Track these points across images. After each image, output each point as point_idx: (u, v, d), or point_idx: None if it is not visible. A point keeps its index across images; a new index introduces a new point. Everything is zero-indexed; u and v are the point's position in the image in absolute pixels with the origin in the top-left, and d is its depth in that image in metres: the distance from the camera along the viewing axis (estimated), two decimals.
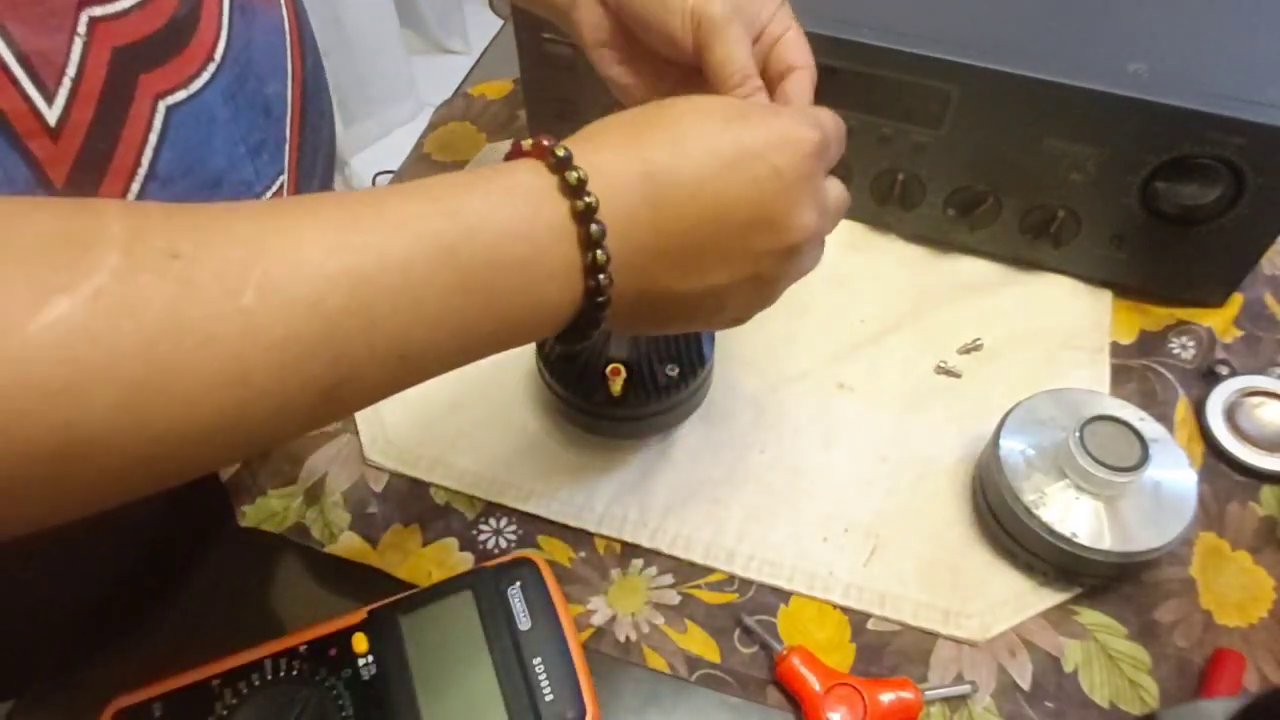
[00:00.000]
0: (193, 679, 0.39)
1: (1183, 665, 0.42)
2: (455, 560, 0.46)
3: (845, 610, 0.44)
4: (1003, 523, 0.45)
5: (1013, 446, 0.45)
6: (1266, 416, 0.50)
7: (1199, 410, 0.51)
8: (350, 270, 0.25)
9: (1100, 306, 0.56)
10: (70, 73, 0.33)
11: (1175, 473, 0.43)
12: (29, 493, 0.22)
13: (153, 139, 0.37)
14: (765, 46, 0.41)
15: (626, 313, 0.33)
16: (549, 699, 0.38)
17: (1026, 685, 0.42)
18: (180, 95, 0.38)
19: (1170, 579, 0.45)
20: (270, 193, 0.44)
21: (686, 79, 0.42)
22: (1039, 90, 0.48)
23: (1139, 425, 0.43)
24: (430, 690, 0.39)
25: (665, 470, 0.49)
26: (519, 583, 0.42)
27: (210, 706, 0.38)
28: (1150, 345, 0.54)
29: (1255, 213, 0.49)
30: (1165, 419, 0.49)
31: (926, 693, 0.41)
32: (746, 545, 0.46)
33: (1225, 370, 0.52)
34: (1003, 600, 0.44)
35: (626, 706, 0.42)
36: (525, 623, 0.41)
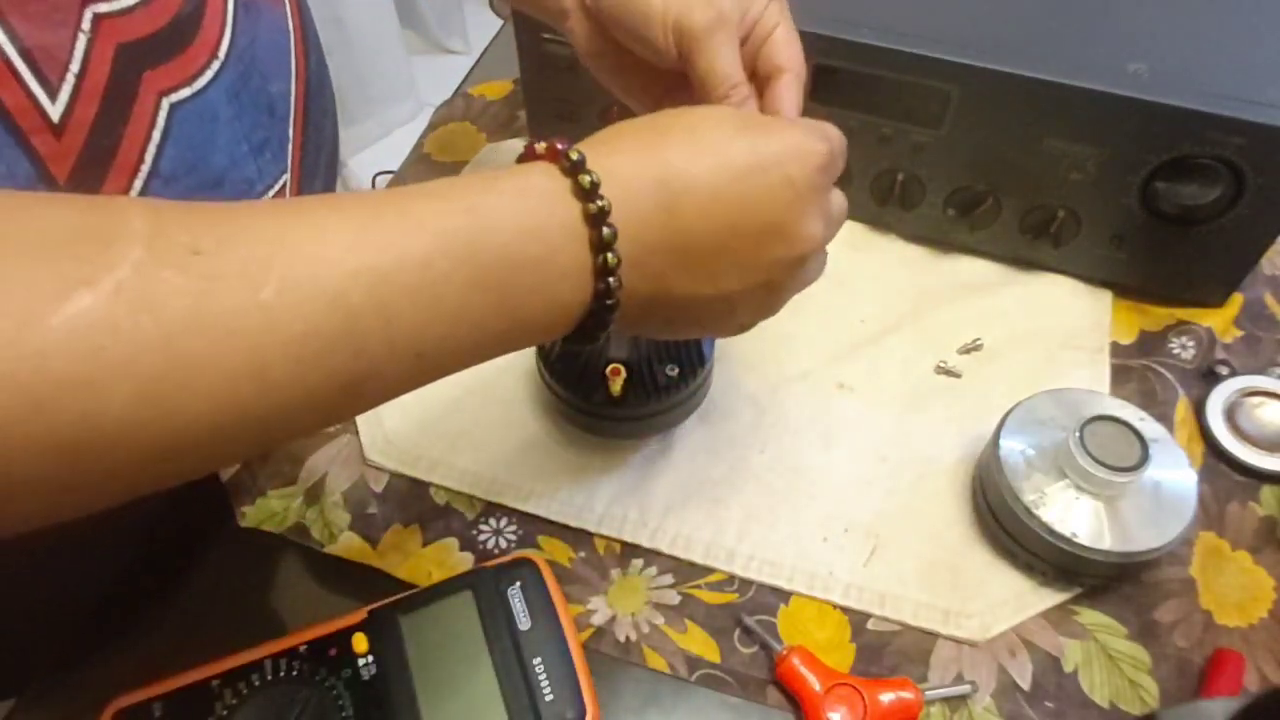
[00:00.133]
0: (193, 679, 0.39)
1: (1183, 665, 0.42)
2: (455, 560, 0.46)
3: (845, 610, 0.44)
4: (1003, 523, 0.45)
5: (1013, 446, 0.45)
6: (1266, 416, 0.50)
7: (1199, 410, 0.51)
8: (370, 267, 0.26)
9: (1100, 306, 0.56)
10: (74, 69, 0.33)
11: (1175, 473, 0.43)
12: (47, 485, 0.22)
13: (156, 136, 0.37)
14: (755, 43, 0.41)
15: (636, 316, 0.33)
16: (549, 699, 0.38)
17: (1026, 685, 0.42)
18: (184, 93, 0.38)
19: (1170, 579, 0.45)
20: (272, 192, 0.44)
21: (680, 84, 0.42)
22: (1039, 90, 0.48)
23: (1139, 425, 0.43)
24: (430, 690, 0.39)
25: (665, 470, 0.49)
26: (519, 583, 0.42)
27: (210, 706, 0.38)
28: (1150, 345, 0.54)
29: (1255, 213, 0.49)
30: (1165, 419, 0.49)
31: (926, 693, 0.41)
32: (746, 545, 0.46)
33: (1225, 370, 0.52)
34: (1003, 600, 0.44)
35: (626, 706, 0.42)
36: (525, 623, 0.41)
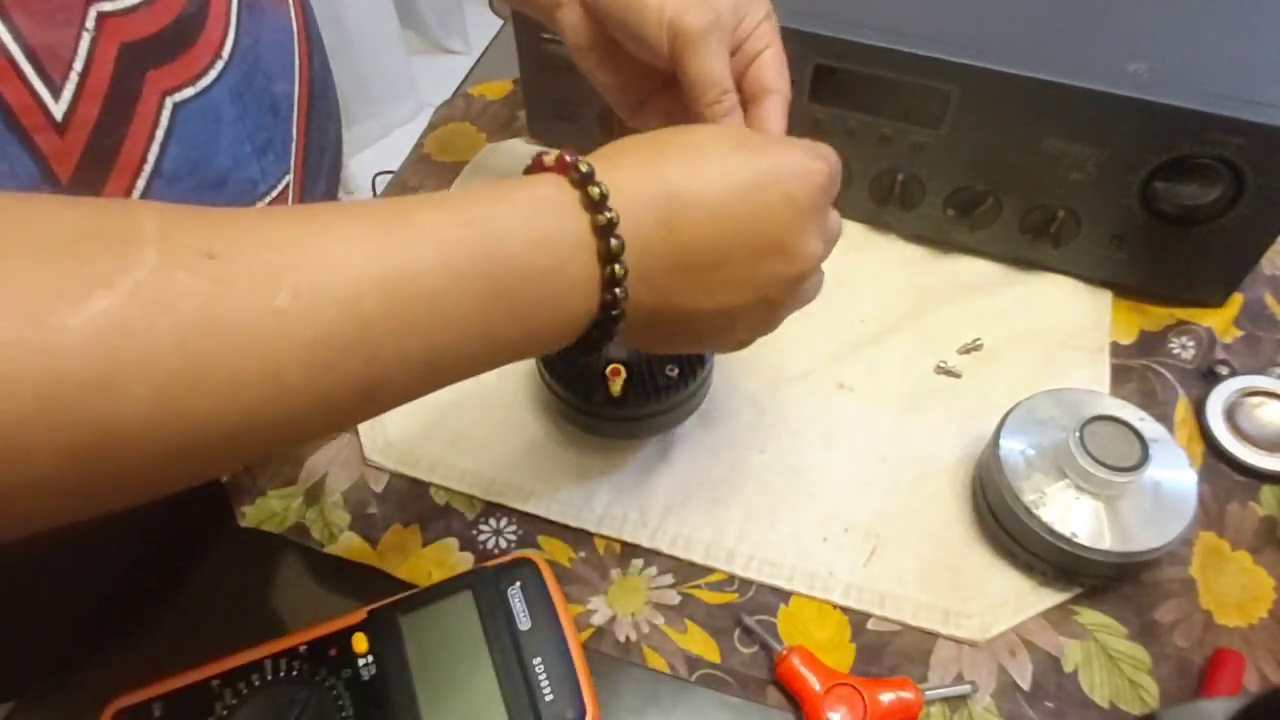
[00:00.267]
0: (193, 679, 0.39)
1: (1183, 665, 0.42)
2: (455, 560, 0.46)
3: (845, 610, 0.44)
4: (1003, 523, 0.45)
5: (1013, 446, 0.45)
6: (1266, 416, 0.50)
7: (1199, 410, 0.51)
8: (384, 274, 0.26)
9: (1100, 306, 0.56)
10: (77, 68, 0.33)
11: (1175, 473, 0.43)
12: (61, 486, 0.22)
13: (159, 136, 0.37)
14: (744, 61, 0.41)
15: (640, 327, 0.34)
16: (549, 699, 0.38)
17: (1026, 685, 0.42)
18: (187, 92, 0.38)
19: (1170, 579, 0.45)
20: (276, 192, 0.44)
21: (667, 84, 0.42)
22: (1039, 90, 0.48)
23: (1139, 425, 0.43)
24: (430, 690, 0.39)
25: (665, 470, 0.49)
26: (519, 583, 0.42)
27: (210, 706, 0.38)
28: (1150, 345, 0.54)
29: (1255, 213, 0.49)
30: (1165, 419, 0.49)
31: (926, 693, 0.41)
32: (746, 545, 0.46)
33: (1225, 370, 0.52)
34: (1003, 600, 0.44)
35: (626, 706, 0.42)
36: (525, 623, 0.41)
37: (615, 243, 0.30)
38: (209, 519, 0.48)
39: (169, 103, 0.37)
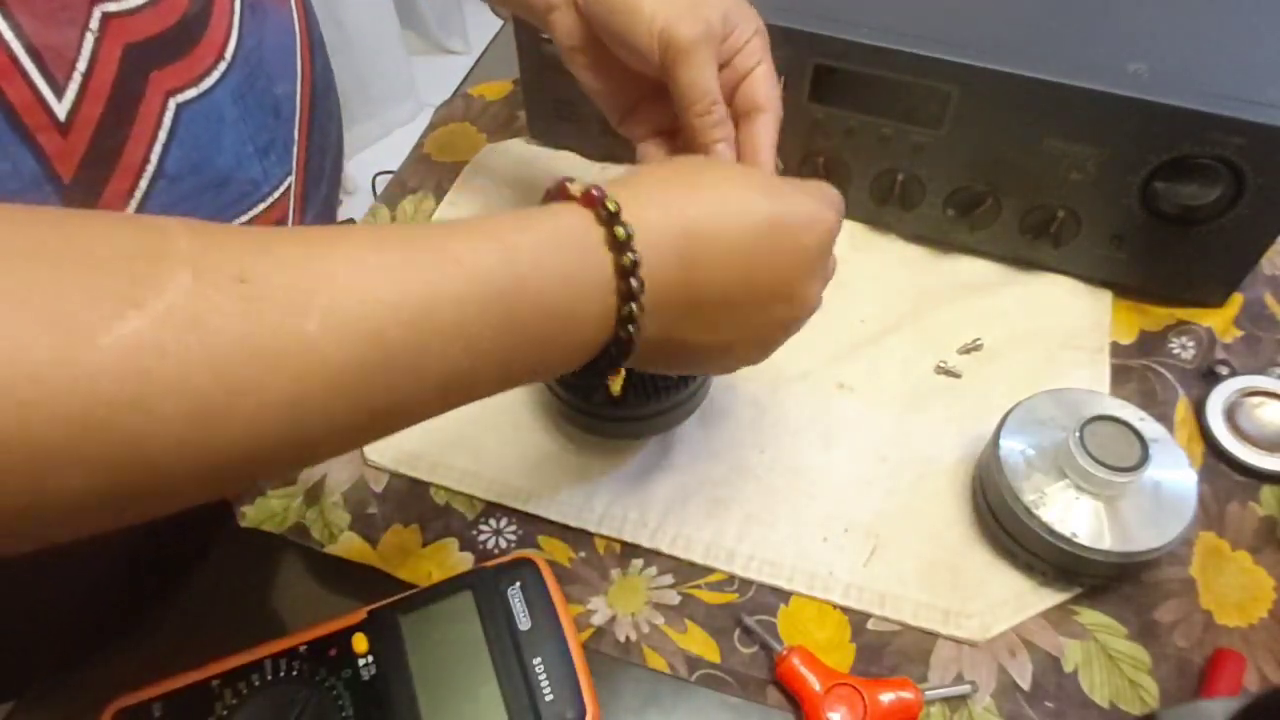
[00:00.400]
0: (193, 679, 0.39)
1: (1183, 665, 0.42)
2: (455, 560, 0.46)
3: (845, 610, 0.44)
4: (1003, 523, 0.45)
5: (1013, 446, 0.45)
6: (1266, 416, 0.50)
7: (1199, 410, 0.51)
8: (410, 304, 0.26)
9: (1100, 306, 0.56)
10: (81, 68, 0.33)
11: (1175, 473, 0.43)
12: (90, 502, 0.22)
13: (162, 136, 0.37)
14: (735, 76, 0.42)
15: (644, 356, 0.34)
16: (549, 699, 0.38)
17: (1026, 685, 0.42)
18: (190, 93, 0.38)
19: (1170, 579, 0.45)
20: (277, 194, 0.44)
21: (657, 92, 0.43)
22: (1039, 90, 0.48)
23: (1139, 425, 0.43)
24: (430, 690, 0.39)
25: (665, 470, 0.49)
26: (519, 583, 0.42)
27: (210, 707, 0.38)
28: (1150, 345, 0.54)
29: (1255, 213, 0.49)
30: (1165, 419, 0.49)
31: (926, 693, 0.41)
32: (746, 545, 0.46)
33: (1225, 370, 0.52)
34: (1003, 600, 0.44)
35: (626, 706, 0.42)
36: (525, 623, 0.41)
37: (635, 283, 0.31)
38: (209, 519, 0.48)
39: (172, 103, 0.37)
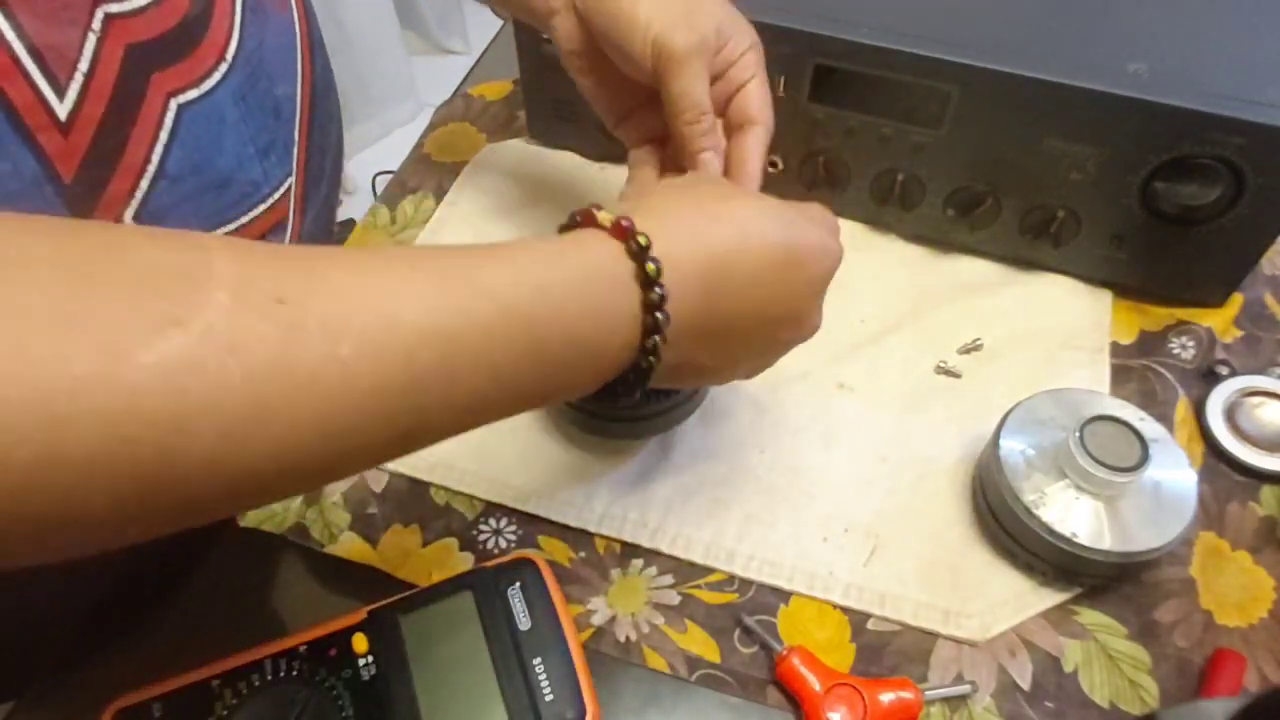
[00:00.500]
0: (193, 679, 0.39)
1: (1183, 665, 0.42)
2: (455, 560, 0.46)
3: (845, 610, 0.44)
4: (1003, 523, 0.45)
5: (1013, 446, 0.45)
6: (1266, 416, 0.50)
7: (1199, 410, 0.51)
8: (440, 331, 0.27)
9: (1100, 306, 0.56)
10: (82, 68, 0.33)
11: (1175, 473, 0.43)
12: (122, 517, 0.23)
13: (163, 137, 0.37)
14: (728, 89, 0.43)
15: (658, 377, 0.35)
16: (549, 699, 0.38)
17: (1026, 685, 0.42)
18: (192, 94, 0.38)
19: (1170, 579, 0.45)
20: (278, 194, 0.44)
21: (651, 99, 0.43)
22: (1039, 90, 0.48)
23: (1139, 425, 0.43)
24: (430, 690, 0.39)
25: (665, 470, 0.49)
26: (519, 583, 0.42)
27: (210, 707, 0.38)
28: (1150, 345, 0.54)
29: (1255, 213, 0.49)
30: (1165, 419, 0.49)
31: (926, 693, 0.41)
32: (746, 545, 0.46)
33: (1225, 370, 0.52)
34: (1003, 600, 0.44)
35: (626, 706, 0.42)
36: (525, 623, 0.40)
37: (661, 317, 0.32)
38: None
39: (173, 104, 0.37)
